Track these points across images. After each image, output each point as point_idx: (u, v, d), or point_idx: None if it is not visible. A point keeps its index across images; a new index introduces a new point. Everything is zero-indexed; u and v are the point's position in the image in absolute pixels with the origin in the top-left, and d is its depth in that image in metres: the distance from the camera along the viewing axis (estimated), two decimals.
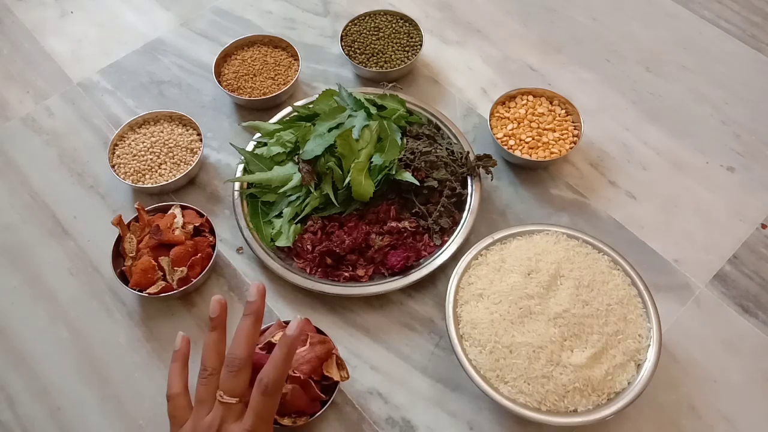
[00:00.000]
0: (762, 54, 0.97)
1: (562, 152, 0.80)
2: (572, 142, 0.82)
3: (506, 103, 0.86)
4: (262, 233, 0.76)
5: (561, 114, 0.84)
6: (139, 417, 0.68)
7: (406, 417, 0.67)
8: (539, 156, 0.81)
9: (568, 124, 0.83)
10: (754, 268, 0.77)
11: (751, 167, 0.85)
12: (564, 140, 0.82)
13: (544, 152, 0.81)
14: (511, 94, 0.85)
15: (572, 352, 0.63)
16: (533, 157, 0.81)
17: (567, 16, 1.02)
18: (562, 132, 0.82)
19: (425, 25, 0.99)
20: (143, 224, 0.73)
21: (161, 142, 0.83)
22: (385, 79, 0.89)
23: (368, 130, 0.78)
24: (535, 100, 0.85)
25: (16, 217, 0.82)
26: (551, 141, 0.82)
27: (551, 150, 0.81)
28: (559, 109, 0.85)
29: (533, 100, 0.85)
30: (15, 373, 0.71)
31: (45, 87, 0.95)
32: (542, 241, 0.71)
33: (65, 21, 1.03)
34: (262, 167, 0.79)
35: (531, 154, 0.81)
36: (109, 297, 0.75)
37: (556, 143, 0.82)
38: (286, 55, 0.93)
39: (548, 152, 0.81)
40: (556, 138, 0.82)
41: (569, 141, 0.82)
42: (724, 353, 0.70)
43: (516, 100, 0.86)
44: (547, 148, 0.81)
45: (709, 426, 0.66)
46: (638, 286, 0.68)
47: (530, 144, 0.82)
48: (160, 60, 0.97)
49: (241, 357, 0.52)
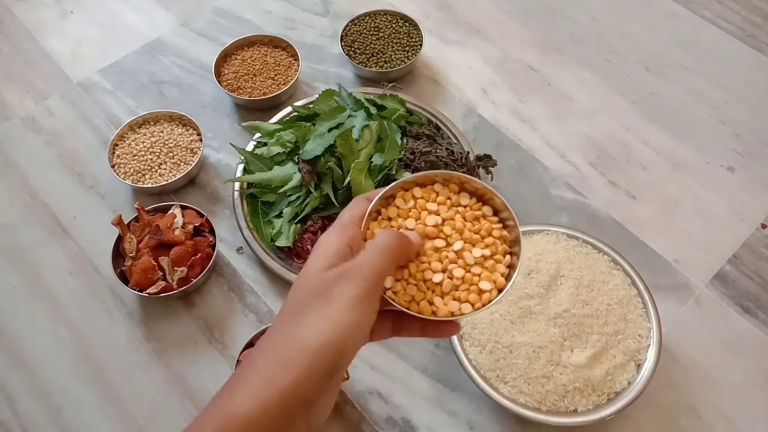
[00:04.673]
0: (762, 54, 0.97)
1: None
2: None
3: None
4: (262, 233, 0.76)
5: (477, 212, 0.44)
6: (139, 417, 0.68)
7: (406, 417, 0.67)
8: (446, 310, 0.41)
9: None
10: (754, 268, 0.77)
11: (751, 167, 0.85)
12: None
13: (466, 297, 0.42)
14: (388, 194, 0.43)
15: (572, 352, 0.63)
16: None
17: (567, 16, 1.02)
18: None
19: (425, 25, 0.99)
20: (143, 224, 0.73)
21: (161, 142, 0.83)
22: (385, 79, 0.89)
23: (368, 130, 0.78)
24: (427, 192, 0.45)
25: (16, 217, 0.82)
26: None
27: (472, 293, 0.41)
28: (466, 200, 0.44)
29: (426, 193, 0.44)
30: (15, 373, 0.70)
31: (45, 87, 0.95)
32: (542, 241, 0.71)
33: (65, 21, 1.03)
34: (262, 167, 0.79)
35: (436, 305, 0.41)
36: (109, 297, 0.75)
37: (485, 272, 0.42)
38: (286, 55, 0.93)
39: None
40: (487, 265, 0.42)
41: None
42: (724, 353, 0.70)
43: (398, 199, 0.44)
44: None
45: (709, 426, 0.66)
46: (638, 286, 0.68)
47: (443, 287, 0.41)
48: (160, 60, 0.97)
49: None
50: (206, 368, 0.70)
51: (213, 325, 0.73)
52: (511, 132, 0.88)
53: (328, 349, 0.34)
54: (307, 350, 0.33)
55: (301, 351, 0.33)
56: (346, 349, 0.34)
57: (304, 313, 0.35)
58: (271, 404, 0.32)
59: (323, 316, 0.34)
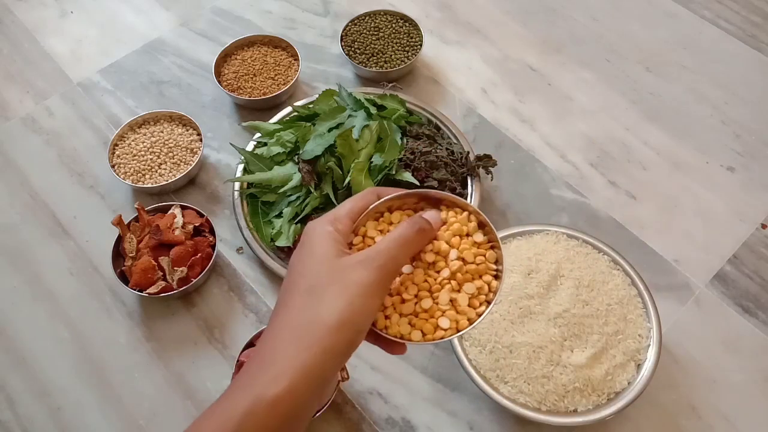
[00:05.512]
0: (762, 54, 0.97)
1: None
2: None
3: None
4: (262, 233, 0.76)
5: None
6: (139, 417, 0.68)
7: (406, 417, 0.67)
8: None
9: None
10: (754, 268, 0.77)
11: (751, 167, 0.85)
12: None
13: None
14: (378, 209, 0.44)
15: (572, 352, 0.63)
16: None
17: (567, 16, 1.02)
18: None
19: (425, 25, 0.99)
20: (143, 224, 0.73)
21: (161, 142, 0.83)
22: (385, 79, 0.89)
23: (368, 130, 0.78)
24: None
25: (16, 217, 0.82)
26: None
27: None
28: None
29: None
30: (15, 373, 0.70)
31: (45, 87, 0.95)
32: (542, 241, 0.71)
33: (65, 21, 1.03)
34: (262, 167, 0.79)
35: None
36: (109, 297, 0.75)
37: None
38: (286, 55, 0.93)
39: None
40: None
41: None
42: (724, 353, 0.70)
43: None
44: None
45: (709, 426, 0.66)
46: (638, 286, 0.68)
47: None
48: (160, 60, 0.97)
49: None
50: (206, 368, 0.70)
51: (213, 325, 0.73)
52: (511, 132, 0.88)
53: (346, 327, 0.35)
54: (328, 329, 0.35)
55: (321, 331, 0.35)
56: (362, 329, 0.37)
57: (320, 296, 0.36)
58: (296, 385, 0.34)
59: (342, 299, 0.36)
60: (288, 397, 0.34)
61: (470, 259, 0.41)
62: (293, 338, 0.35)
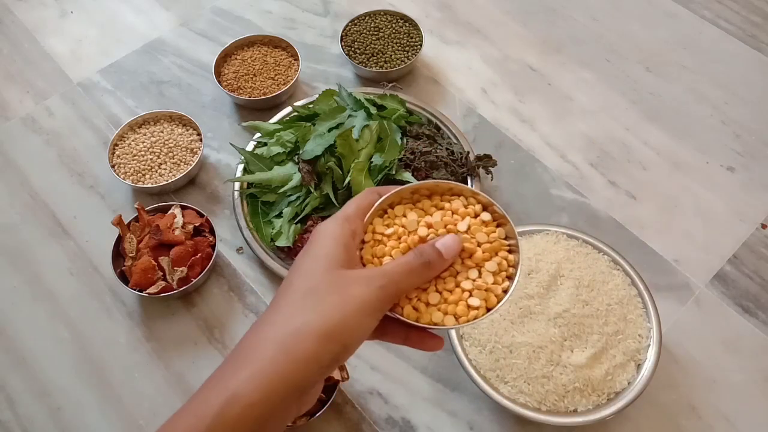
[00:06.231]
0: (762, 54, 0.97)
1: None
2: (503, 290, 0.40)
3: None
4: (262, 233, 0.76)
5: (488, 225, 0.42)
6: (139, 417, 0.68)
7: (406, 417, 0.67)
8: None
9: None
10: (754, 268, 0.77)
11: (751, 167, 0.85)
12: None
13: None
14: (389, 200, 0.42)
15: (572, 352, 0.63)
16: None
17: (567, 16, 1.02)
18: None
19: (425, 25, 0.99)
20: (143, 224, 0.73)
21: (161, 142, 0.83)
22: (385, 79, 0.89)
23: (368, 130, 0.78)
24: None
25: (16, 217, 0.82)
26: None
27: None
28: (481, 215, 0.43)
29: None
30: (15, 373, 0.70)
31: (45, 87, 0.95)
32: (542, 241, 0.71)
33: (65, 21, 1.03)
34: (262, 167, 0.79)
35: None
36: (109, 297, 0.75)
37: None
38: (286, 55, 0.93)
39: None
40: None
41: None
42: (724, 353, 0.70)
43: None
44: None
45: (709, 426, 0.66)
46: (638, 286, 0.68)
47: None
48: (160, 60, 0.97)
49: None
50: (206, 368, 0.70)
51: (213, 325, 0.73)
52: (511, 132, 0.88)
53: (335, 340, 0.34)
54: (316, 338, 0.34)
55: (309, 338, 0.34)
56: (350, 346, 0.35)
57: (316, 302, 0.35)
58: (272, 390, 0.33)
59: (337, 310, 0.35)
60: (263, 400, 0.33)
61: (483, 239, 0.41)
62: (277, 340, 0.35)
